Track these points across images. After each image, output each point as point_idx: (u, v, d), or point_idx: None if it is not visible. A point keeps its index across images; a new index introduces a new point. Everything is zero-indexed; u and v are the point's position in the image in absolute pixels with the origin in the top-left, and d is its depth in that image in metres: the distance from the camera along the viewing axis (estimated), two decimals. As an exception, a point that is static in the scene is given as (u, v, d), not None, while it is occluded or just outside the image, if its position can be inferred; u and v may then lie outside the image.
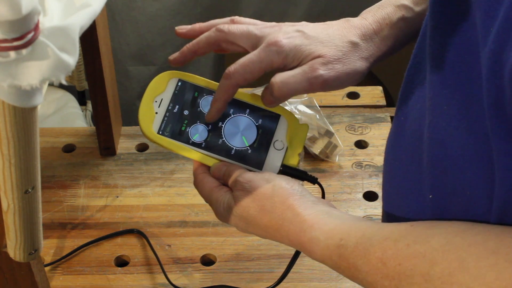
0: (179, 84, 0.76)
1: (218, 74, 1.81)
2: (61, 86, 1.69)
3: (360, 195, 1.04)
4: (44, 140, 1.14)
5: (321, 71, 0.69)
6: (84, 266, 0.96)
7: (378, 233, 0.56)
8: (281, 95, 0.70)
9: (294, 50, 0.70)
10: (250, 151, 0.74)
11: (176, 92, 0.75)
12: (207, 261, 0.97)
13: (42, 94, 0.48)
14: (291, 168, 0.74)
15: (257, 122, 0.75)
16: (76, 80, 1.66)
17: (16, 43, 0.42)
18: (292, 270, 0.79)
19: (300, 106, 1.13)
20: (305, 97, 1.16)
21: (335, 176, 1.07)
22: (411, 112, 0.59)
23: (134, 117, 0.78)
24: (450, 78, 0.52)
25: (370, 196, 1.04)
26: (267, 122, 0.75)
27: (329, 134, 1.09)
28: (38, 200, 0.58)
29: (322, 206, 0.66)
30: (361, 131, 1.15)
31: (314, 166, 1.09)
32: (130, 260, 0.96)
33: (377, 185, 1.06)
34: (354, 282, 0.59)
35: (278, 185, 0.68)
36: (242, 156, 0.74)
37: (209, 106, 0.74)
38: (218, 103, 0.72)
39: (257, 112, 0.76)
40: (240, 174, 0.70)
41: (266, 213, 0.67)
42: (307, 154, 1.09)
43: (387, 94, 1.28)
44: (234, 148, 0.74)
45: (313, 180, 0.74)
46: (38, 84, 0.44)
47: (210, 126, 0.75)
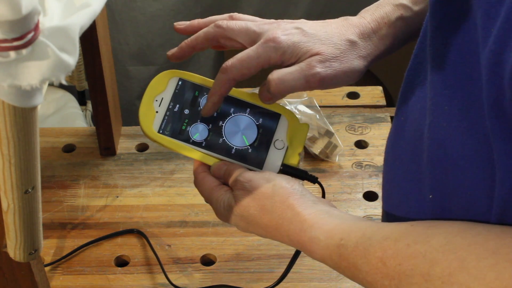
0: (180, 83, 0.75)
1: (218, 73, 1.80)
2: (61, 86, 1.69)
3: (360, 195, 1.04)
4: (44, 140, 1.14)
5: (318, 69, 0.69)
6: (84, 266, 0.96)
7: (378, 233, 0.56)
8: (278, 92, 0.70)
9: (292, 47, 0.70)
10: (250, 150, 0.74)
11: (176, 91, 0.75)
12: (207, 261, 0.97)
13: (42, 94, 0.47)
14: (292, 167, 0.74)
15: (257, 121, 0.75)
16: (76, 80, 1.66)
17: (16, 43, 0.42)
18: (292, 270, 0.79)
19: (300, 106, 1.13)
20: (305, 97, 1.15)
21: (335, 176, 1.07)
22: (411, 112, 0.59)
23: (134, 117, 0.78)
24: (451, 78, 0.52)
25: (370, 196, 1.04)
26: (268, 121, 0.75)
27: (329, 134, 1.09)
28: (38, 200, 0.58)
29: (322, 205, 0.66)
30: (361, 131, 1.15)
31: (314, 166, 1.09)
32: (130, 260, 0.96)
33: (377, 185, 1.06)
34: (354, 282, 0.59)
35: (279, 184, 0.68)
36: (243, 155, 0.74)
37: (209, 105, 0.74)
38: (214, 97, 0.72)
39: (257, 111, 0.75)
40: (240, 173, 0.70)
41: (266, 212, 0.67)
42: (307, 154, 1.09)
43: (387, 94, 1.28)
44: (235, 147, 0.74)
45: (313, 179, 0.74)
46: (38, 84, 0.44)
47: (211, 125, 0.75)
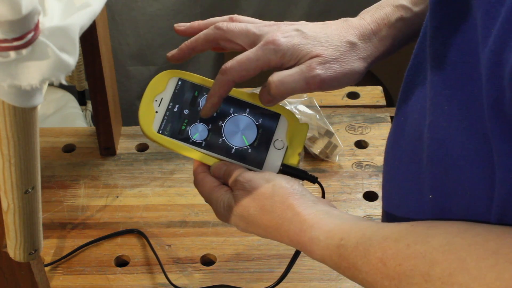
0: (179, 83, 0.75)
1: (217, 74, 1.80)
2: (61, 86, 1.69)
3: (360, 195, 1.04)
4: (44, 140, 1.14)
5: (318, 71, 0.69)
6: (84, 266, 0.96)
7: (378, 233, 0.56)
8: (278, 94, 0.70)
9: (291, 49, 0.70)
10: (250, 151, 0.74)
11: (176, 91, 0.75)
12: (207, 261, 0.97)
13: (42, 94, 0.47)
14: (291, 167, 0.74)
15: (257, 122, 0.75)
16: (76, 80, 1.66)
17: (16, 43, 0.42)
18: (292, 270, 0.79)
19: (300, 106, 1.13)
20: (305, 97, 1.15)
21: (335, 176, 1.07)
22: (411, 112, 0.59)
23: (134, 117, 0.78)
24: (451, 78, 0.52)
25: (370, 196, 1.04)
26: (267, 121, 0.75)
27: (329, 134, 1.09)
28: (38, 200, 0.58)
29: (322, 205, 0.66)
30: (361, 131, 1.15)
31: (314, 166, 1.09)
32: (130, 260, 0.96)
33: (377, 185, 1.06)
34: (354, 282, 0.59)
35: (278, 184, 0.68)
36: (242, 155, 0.74)
37: (208, 105, 0.74)
38: (213, 98, 0.72)
39: (257, 111, 0.75)
40: (240, 173, 0.70)
41: (266, 212, 0.67)
42: (307, 154, 1.09)
43: (387, 94, 1.28)
44: (234, 147, 0.74)
45: (313, 179, 0.74)
46: (38, 84, 0.44)
47: (210, 125, 0.75)
